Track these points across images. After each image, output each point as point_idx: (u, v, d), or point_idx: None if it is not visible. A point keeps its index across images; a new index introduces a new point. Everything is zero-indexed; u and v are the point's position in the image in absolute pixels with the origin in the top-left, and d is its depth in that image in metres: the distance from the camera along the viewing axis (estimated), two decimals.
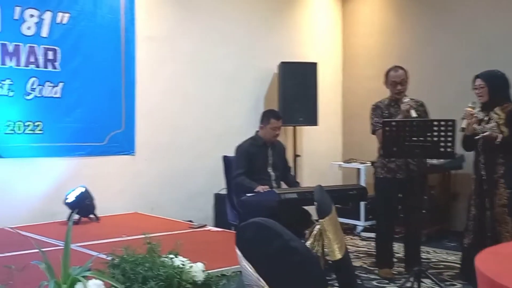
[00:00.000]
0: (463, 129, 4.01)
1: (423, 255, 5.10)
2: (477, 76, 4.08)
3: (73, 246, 3.46)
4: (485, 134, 3.86)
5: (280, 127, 4.90)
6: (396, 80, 4.46)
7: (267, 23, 6.58)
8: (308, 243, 1.88)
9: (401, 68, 4.53)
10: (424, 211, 5.73)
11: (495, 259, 1.96)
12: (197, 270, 2.58)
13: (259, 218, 1.75)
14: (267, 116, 4.88)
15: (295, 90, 6.30)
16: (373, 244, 5.18)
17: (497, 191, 3.93)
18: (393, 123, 4.00)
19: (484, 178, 4.00)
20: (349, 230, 6.45)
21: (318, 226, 1.86)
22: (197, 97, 5.97)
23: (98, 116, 5.22)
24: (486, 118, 4.01)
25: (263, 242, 1.62)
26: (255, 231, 1.60)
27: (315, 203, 1.85)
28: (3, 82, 4.67)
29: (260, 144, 4.84)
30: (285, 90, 6.30)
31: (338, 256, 1.83)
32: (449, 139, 3.84)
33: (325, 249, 1.87)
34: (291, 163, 5.79)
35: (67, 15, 5.00)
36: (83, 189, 4.62)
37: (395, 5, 6.81)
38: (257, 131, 4.94)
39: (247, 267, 1.61)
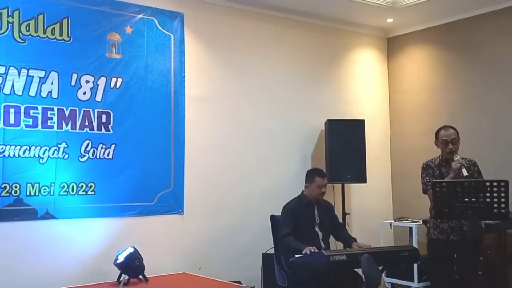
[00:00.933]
0: None
1: None
2: None
3: None
4: None
5: (326, 185, 4.89)
6: (447, 139, 4.39)
7: (314, 81, 6.67)
8: None
9: (452, 127, 4.46)
10: (480, 273, 5.50)
11: None
12: None
13: None
14: (311, 174, 4.89)
15: (343, 147, 6.28)
16: None
17: None
18: (444, 184, 3.91)
19: None
20: None
21: None
22: (245, 155, 6.04)
23: (148, 176, 5.33)
24: None
25: None
26: None
27: (363, 275, 1.81)
28: (59, 145, 4.86)
29: (306, 203, 4.82)
30: (332, 147, 6.29)
31: None
32: (502, 200, 3.71)
33: None
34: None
35: (120, 80, 5.22)
36: (132, 250, 4.68)
37: (441, 62, 6.77)
38: (303, 191, 4.93)
39: None
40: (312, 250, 4.38)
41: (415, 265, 5.86)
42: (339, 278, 4.38)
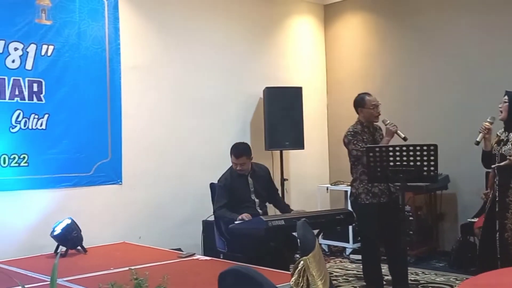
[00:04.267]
0: (477, 143, 4.04)
1: (412, 277, 5.12)
2: (506, 92, 4.06)
3: (60, 280, 3.47)
4: (502, 164, 3.84)
5: (241, 164, 4.78)
6: (376, 103, 4.54)
7: (251, 48, 6.65)
8: (293, 280, 1.90)
9: None
10: (411, 232, 5.78)
11: None
12: None
13: (239, 266, 1.76)
14: (230, 152, 4.86)
15: (281, 114, 6.35)
16: (361, 266, 5.17)
17: (508, 215, 3.89)
18: (377, 149, 4.04)
19: (497, 200, 3.98)
20: (338, 252, 6.47)
21: (301, 263, 1.88)
22: (183, 124, 6.00)
23: (84, 147, 5.22)
24: (505, 139, 3.99)
25: None
26: (235, 280, 1.61)
27: (298, 240, 1.87)
28: None
29: (238, 175, 4.83)
30: (270, 114, 6.35)
31: None
32: (432, 163, 3.89)
33: (310, 285, 1.88)
34: (278, 187, 5.79)
35: (51, 47, 5.03)
36: (69, 221, 4.60)
37: (376, 29, 6.91)
38: None
39: None
40: (245, 217, 4.43)
41: (350, 227, 6.07)
42: (277, 243, 4.48)
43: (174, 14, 5.96)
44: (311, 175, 7.07)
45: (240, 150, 4.86)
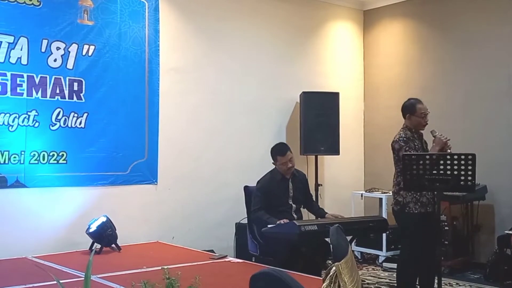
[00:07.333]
0: None
1: None
2: None
3: (93, 277, 3.53)
4: None
5: (290, 159, 4.75)
6: (426, 112, 4.44)
7: (289, 53, 6.65)
8: (324, 285, 1.88)
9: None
10: (446, 243, 5.66)
11: None
12: None
13: (271, 269, 1.75)
14: (273, 154, 4.80)
15: (317, 119, 6.32)
16: (394, 275, 5.09)
17: None
18: (413, 156, 3.98)
19: None
20: (371, 260, 6.39)
21: (334, 268, 1.86)
22: (220, 127, 6.03)
23: (121, 146, 5.31)
24: None
25: None
26: (267, 282, 1.60)
27: (331, 246, 1.85)
28: (29, 113, 4.79)
29: (279, 179, 4.80)
30: (306, 119, 6.32)
31: None
32: (469, 172, 3.80)
33: None
34: (312, 192, 5.75)
35: (92, 47, 5.13)
36: (105, 219, 4.68)
37: (417, 36, 6.81)
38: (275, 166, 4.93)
39: None
40: (284, 222, 4.41)
41: (384, 235, 5.99)
42: (309, 248, 4.45)
43: (213, 17, 6.01)
44: (346, 181, 7.02)
45: (284, 147, 4.87)
